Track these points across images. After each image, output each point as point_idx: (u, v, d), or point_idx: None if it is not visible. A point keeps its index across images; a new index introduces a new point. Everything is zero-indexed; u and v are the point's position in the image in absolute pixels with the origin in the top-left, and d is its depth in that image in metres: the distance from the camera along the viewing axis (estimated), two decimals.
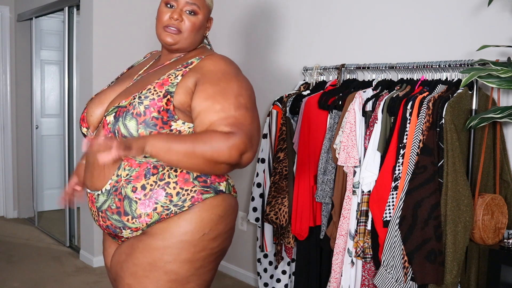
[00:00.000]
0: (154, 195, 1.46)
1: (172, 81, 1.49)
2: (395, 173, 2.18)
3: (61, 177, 5.01)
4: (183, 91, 1.47)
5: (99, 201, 1.52)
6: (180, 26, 1.56)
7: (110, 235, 1.59)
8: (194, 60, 1.56)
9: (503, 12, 2.23)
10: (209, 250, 1.51)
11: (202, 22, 1.60)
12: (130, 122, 1.44)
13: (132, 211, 1.47)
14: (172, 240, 1.46)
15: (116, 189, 1.49)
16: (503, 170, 2.22)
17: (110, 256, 1.67)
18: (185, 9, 1.56)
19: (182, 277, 1.48)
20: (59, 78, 5.19)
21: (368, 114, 2.36)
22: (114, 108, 1.49)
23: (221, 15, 3.68)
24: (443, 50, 2.44)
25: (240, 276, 3.60)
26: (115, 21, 3.83)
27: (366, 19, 2.79)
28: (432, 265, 2.02)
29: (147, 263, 1.47)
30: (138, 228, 1.50)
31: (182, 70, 1.52)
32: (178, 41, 1.58)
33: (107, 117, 1.49)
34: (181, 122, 1.47)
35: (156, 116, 1.44)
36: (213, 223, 1.50)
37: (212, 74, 1.49)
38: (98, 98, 1.63)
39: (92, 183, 1.55)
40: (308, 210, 2.65)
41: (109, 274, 1.72)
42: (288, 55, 3.23)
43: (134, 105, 1.45)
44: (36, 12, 4.68)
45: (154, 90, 1.47)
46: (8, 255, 4.02)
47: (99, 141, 1.29)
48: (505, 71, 1.86)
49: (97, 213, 1.55)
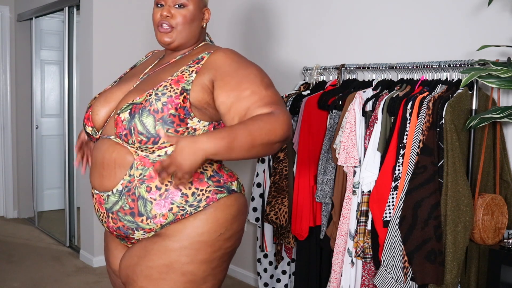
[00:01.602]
0: (170, 195, 1.45)
1: (187, 78, 1.48)
2: (395, 173, 2.18)
3: (61, 177, 5.02)
4: (199, 88, 1.46)
5: (110, 202, 1.49)
6: (171, 21, 1.56)
7: (119, 237, 1.55)
8: (204, 55, 1.54)
9: (503, 12, 2.23)
10: (224, 250, 1.52)
11: (194, 13, 1.58)
12: (148, 119, 1.42)
13: (147, 212, 1.45)
14: (189, 241, 1.45)
15: (129, 190, 1.46)
16: (503, 170, 2.22)
17: (116, 259, 1.63)
18: (173, 4, 1.56)
19: (199, 278, 1.48)
20: (59, 78, 5.19)
21: (368, 114, 2.36)
22: (129, 105, 1.46)
23: (221, 15, 3.68)
24: (443, 50, 2.44)
25: (240, 276, 3.60)
26: (115, 21, 3.83)
27: (366, 19, 2.79)
28: (432, 265, 2.02)
29: (163, 265, 1.45)
30: (152, 229, 1.48)
31: (195, 67, 1.51)
32: (174, 38, 1.57)
33: (121, 114, 1.46)
34: (196, 120, 1.46)
35: (174, 113, 1.43)
36: (228, 223, 1.50)
37: (227, 66, 1.48)
38: (104, 97, 1.60)
39: (102, 184, 1.51)
40: (308, 210, 2.65)
41: (111, 277, 1.70)
42: (288, 55, 3.23)
43: (151, 101, 1.44)
44: (36, 12, 4.68)
45: (170, 87, 1.46)
46: (8, 255, 4.02)
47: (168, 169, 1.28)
48: (505, 71, 1.86)
49: (107, 215, 1.51)
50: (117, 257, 1.63)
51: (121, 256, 1.60)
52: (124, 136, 1.45)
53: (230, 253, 1.56)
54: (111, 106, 1.58)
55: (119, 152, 1.47)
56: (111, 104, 1.58)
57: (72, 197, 4.37)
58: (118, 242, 1.64)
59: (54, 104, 5.23)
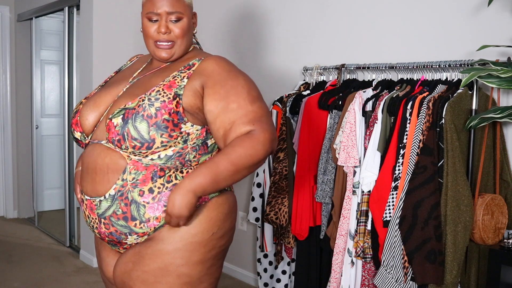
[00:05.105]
0: (163, 198, 1.44)
1: (179, 83, 1.48)
2: (395, 173, 2.18)
3: (61, 177, 5.02)
4: (191, 94, 1.46)
5: (102, 208, 1.48)
6: (171, 37, 1.54)
7: (111, 242, 1.54)
8: (195, 61, 1.54)
9: (503, 12, 2.23)
10: (218, 249, 1.52)
11: (189, 23, 1.58)
12: (141, 124, 1.41)
13: (140, 216, 1.45)
14: (182, 242, 1.45)
15: (121, 194, 1.45)
16: (503, 170, 2.22)
17: (109, 266, 1.62)
18: (169, 19, 1.53)
19: (195, 279, 1.48)
20: (59, 78, 5.19)
21: (368, 114, 2.36)
22: (121, 110, 1.45)
23: (221, 15, 3.68)
24: (443, 50, 2.44)
25: (240, 276, 3.60)
26: (115, 21, 3.83)
27: (366, 19, 2.79)
28: (432, 265, 2.02)
29: (158, 269, 1.45)
30: (145, 233, 1.47)
31: (186, 73, 1.51)
32: (173, 53, 1.56)
33: (114, 119, 1.45)
34: (190, 125, 1.46)
35: (167, 118, 1.42)
36: (220, 221, 1.51)
37: (218, 75, 1.48)
38: (93, 101, 1.58)
39: (94, 189, 1.49)
40: (308, 210, 2.65)
41: (107, 285, 1.68)
42: (288, 55, 3.23)
43: (144, 107, 1.43)
44: (36, 12, 4.68)
45: (163, 92, 1.45)
46: (8, 255, 4.02)
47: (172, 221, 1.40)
48: (505, 71, 1.86)
49: (98, 220, 1.50)
50: (110, 265, 1.61)
51: (114, 263, 1.58)
52: (117, 141, 1.44)
53: (224, 251, 1.57)
54: (100, 110, 1.56)
55: (112, 157, 1.46)
56: (101, 109, 1.56)
57: (72, 197, 4.37)
58: (110, 249, 1.62)
59: (54, 104, 5.23)
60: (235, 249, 3.56)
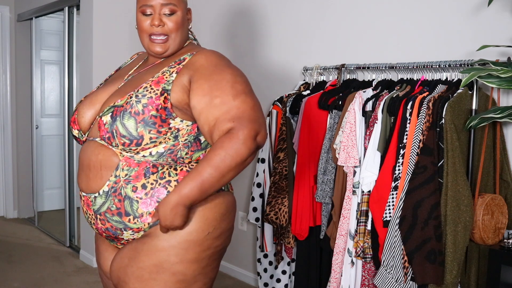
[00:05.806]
0: (156, 194, 1.45)
1: (167, 78, 1.48)
2: (395, 173, 2.18)
3: (61, 177, 5.01)
4: (179, 89, 1.46)
5: (97, 204, 1.50)
6: (165, 30, 1.54)
7: (109, 238, 1.55)
8: (186, 56, 1.54)
9: (503, 12, 2.23)
10: (214, 249, 1.52)
11: (183, 17, 1.57)
12: (129, 121, 1.42)
13: (134, 211, 1.46)
14: (177, 240, 1.45)
15: (115, 190, 1.46)
16: (503, 170, 2.22)
17: (107, 261, 1.63)
18: (163, 12, 1.54)
19: (189, 277, 1.48)
20: (59, 78, 5.18)
21: (368, 114, 2.36)
22: (110, 108, 1.47)
23: (221, 15, 3.68)
24: (443, 50, 2.44)
25: (240, 276, 3.60)
26: (115, 21, 3.83)
27: (366, 19, 2.79)
28: (432, 265, 2.02)
29: (153, 266, 1.46)
30: (140, 229, 1.48)
31: (175, 67, 1.51)
32: (168, 47, 1.56)
33: (103, 117, 1.47)
34: (179, 120, 1.46)
35: (155, 114, 1.43)
36: (217, 221, 1.50)
37: (204, 69, 1.47)
38: (89, 100, 1.60)
39: (88, 186, 1.52)
40: (308, 210, 2.65)
41: (103, 279, 1.69)
42: (288, 55, 3.23)
43: (132, 103, 1.44)
44: (36, 12, 4.68)
45: (151, 88, 1.46)
46: (8, 255, 4.02)
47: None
48: (505, 71, 1.86)
49: (95, 216, 1.52)
50: (108, 259, 1.63)
51: (112, 258, 1.59)
52: (107, 139, 1.46)
53: (220, 251, 1.56)
54: (96, 108, 1.57)
55: (105, 153, 1.48)
56: (96, 106, 1.57)
57: (72, 197, 4.37)
58: (108, 244, 1.63)
59: (54, 104, 5.23)
60: (235, 249, 3.56)
